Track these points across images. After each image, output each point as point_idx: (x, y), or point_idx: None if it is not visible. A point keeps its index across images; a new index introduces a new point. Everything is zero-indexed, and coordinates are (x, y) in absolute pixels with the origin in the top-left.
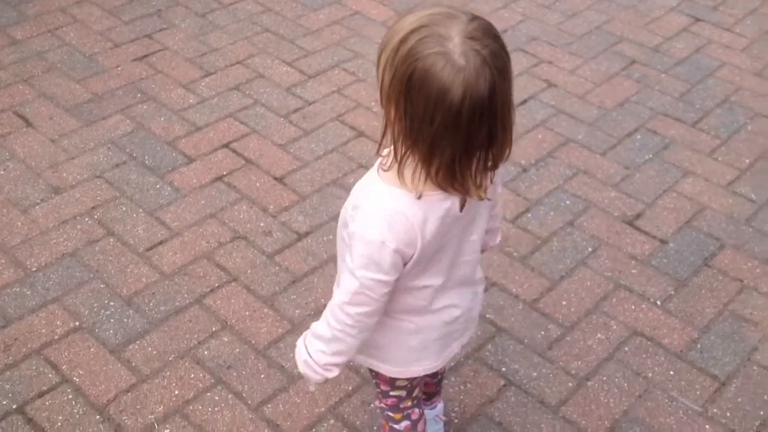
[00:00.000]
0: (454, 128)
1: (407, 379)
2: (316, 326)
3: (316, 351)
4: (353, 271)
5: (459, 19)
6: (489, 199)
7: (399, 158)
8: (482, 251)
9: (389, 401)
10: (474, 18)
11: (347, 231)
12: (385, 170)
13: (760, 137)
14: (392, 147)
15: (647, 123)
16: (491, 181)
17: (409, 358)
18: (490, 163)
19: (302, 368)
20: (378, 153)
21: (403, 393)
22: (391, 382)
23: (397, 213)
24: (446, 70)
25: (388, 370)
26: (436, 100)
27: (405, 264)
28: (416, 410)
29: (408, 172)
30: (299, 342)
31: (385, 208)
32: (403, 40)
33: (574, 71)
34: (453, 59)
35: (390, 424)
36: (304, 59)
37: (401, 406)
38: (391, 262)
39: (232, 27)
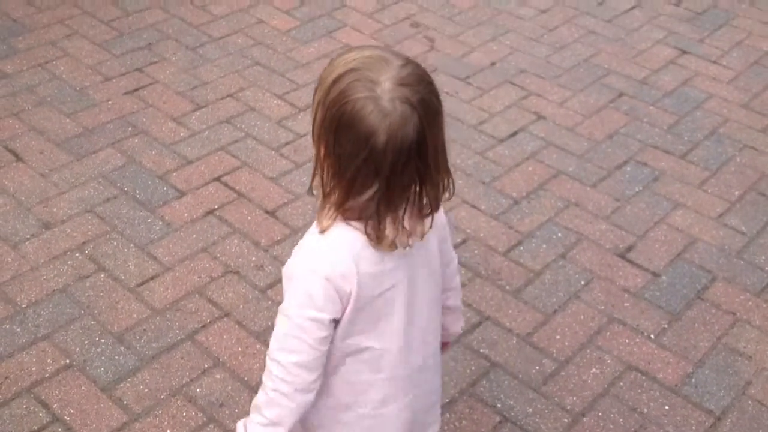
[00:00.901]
0: (377, 171)
1: None
2: (255, 399)
3: (254, 424)
4: (286, 312)
5: (391, 65)
6: (410, 246)
7: (324, 195)
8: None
9: None
10: (407, 63)
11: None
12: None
13: (748, 169)
14: (321, 184)
15: (637, 155)
16: (425, 231)
17: None
18: (425, 207)
19: None
20: (309, 190)
21: None
22: None
23: (327, 242)
24: (373, 115)
25: None
26: (361, 142)
27: (344, 308)
28: None
29: (326, 208)
30: (239, 425)
31: (312, 240)
32: (336, 81)
33: (563, 103)
34: (381, 104)
35: None
36: (295, 92)
37: None
38: (324, 294)
39: (223, 60)
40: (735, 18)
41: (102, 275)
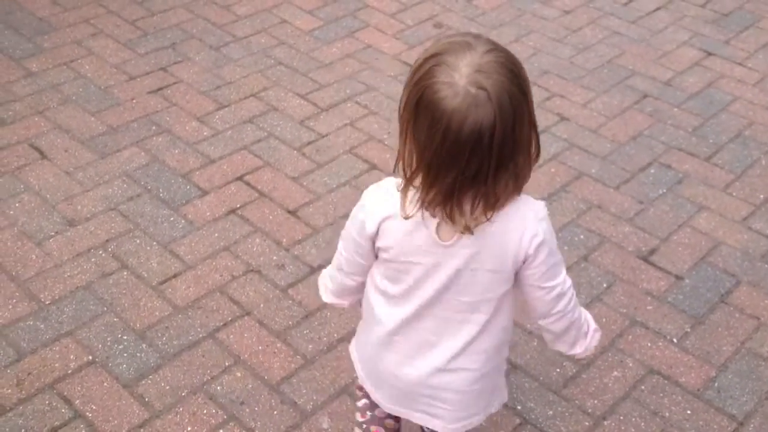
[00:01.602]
0: (450, 157)
1: (365, 393)
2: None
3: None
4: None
5: (474, 51)
6: (471, 233)
7: (406, 177)
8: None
9: (359, 403)
10: (491, 50)
11: None
12: (398, 190)
13: None
14: (403, 167)
15: (660, 157)
16: (487, 219)
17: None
18: (482, 202)
19: None
20: (394, 171)
21: (366, 402)
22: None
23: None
24: (447, 100)
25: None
26: (435, 126)
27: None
28: (375, 427)
29: (411, 193)
30: None
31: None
32: (420, 65)
33: (586, 105)
34: (456, 90)
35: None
36: (317, 92)
37: (364, 412)
38: (351, 224)
39: (246, 60)
40: (761, 20)
41: (125, 273)
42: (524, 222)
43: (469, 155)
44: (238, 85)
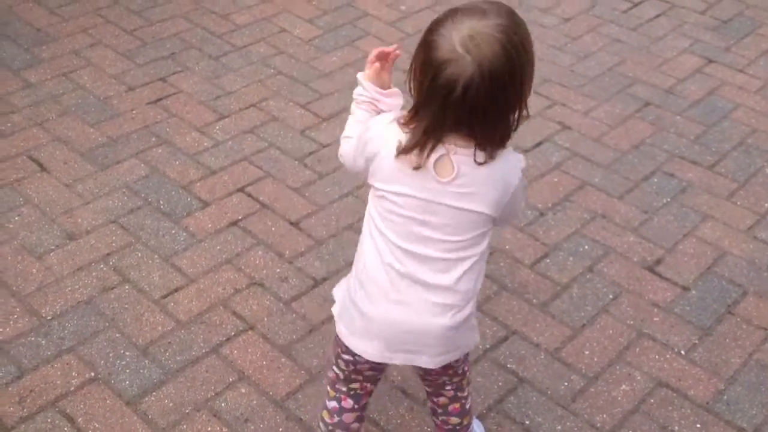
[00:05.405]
0: (430, 102)
1: (347, 361)
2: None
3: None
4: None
5: (485, 19)
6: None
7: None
8: None
9: (331, 374)
10: (499, 25)
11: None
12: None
13: None
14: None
15: (664, 166)
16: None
17: (347, 316)
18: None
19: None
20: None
21: (341, 374)
22: (336, 353)
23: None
24: (439, 52)
25: (339, 329)
26: (427, 71)
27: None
28: (349, 400)
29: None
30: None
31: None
32: (442, 14)
33: (587, 113)
34: (450, 45)
35: (324, 397)
36: (318, 102)
37: (336, 386)
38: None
39: (246, 70)
40: (761, 26)
41: (126, 287)
42: (511, 169)
43: (444, 107)
44: (238, 95)
